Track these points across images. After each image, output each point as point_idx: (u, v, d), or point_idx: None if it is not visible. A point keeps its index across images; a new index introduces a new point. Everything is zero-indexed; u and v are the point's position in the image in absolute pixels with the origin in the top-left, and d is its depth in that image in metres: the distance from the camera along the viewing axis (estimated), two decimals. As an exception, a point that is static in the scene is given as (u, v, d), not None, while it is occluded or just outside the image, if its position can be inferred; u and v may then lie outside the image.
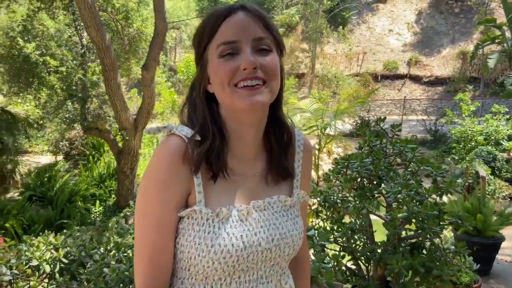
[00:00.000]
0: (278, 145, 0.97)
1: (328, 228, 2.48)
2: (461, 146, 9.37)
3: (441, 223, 2.37)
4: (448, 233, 4.79)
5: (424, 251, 2.44)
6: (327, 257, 1.72)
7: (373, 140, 2.77)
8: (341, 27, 24.90)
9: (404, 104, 19.24)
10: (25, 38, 12.18)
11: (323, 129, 3.82)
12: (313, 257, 1.67)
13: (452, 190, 2.40)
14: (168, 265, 0.88)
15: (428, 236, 2.34)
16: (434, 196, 2.45)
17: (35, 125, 12.91)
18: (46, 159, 12.56)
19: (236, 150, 0.93)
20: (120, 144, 8.42)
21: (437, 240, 2.39)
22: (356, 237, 2.57)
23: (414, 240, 2.53)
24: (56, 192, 8.89)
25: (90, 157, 10.86)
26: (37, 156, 13.46)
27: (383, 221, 2.32)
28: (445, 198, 3.80)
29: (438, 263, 2.26)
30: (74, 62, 9.29)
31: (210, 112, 0.90)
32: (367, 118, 17.16)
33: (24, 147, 14.47)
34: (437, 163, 2.56)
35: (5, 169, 12.79)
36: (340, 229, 2.38)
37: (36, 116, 12.90)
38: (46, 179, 9.46)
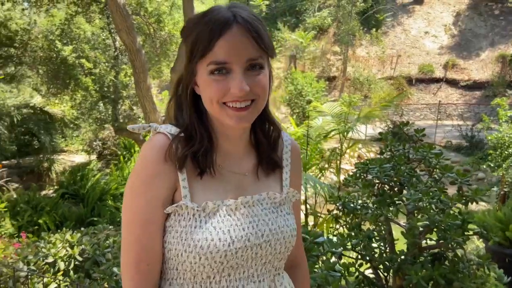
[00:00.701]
0: (266, 139, 0.95)
1: (345, 235, 2.41)
2: (497, 153, 8.94)
3: (465, 233, 2.25)
4: (480, 243, 4.58)
5: (447, 262, 2.33)
6: (337, 265, 1.66)
7: (395, 145, 2.68)
8: (374, 29, 24.45)
9: (439, 109, 18.64)
10: (63, 41, 12.66)
11: (344, 133, 3.75)
12: (321, 264, 1.62)
13: (478, 198, 2.28)
14: (157, 265, 0.86)
15: (451, 246, 2.23)
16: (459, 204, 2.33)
17: (71, 125, 13.38)
18: (80, 158, 13.00)
19: (223, 147, 0.92)
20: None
21: (460, 251, 2.27)
22: (375, 245, 2.49)
23: (436, 251, 2.42)
24: (87, 191, 9.16)
25: (121, 157, 11.14)
26: (72, 155, 13.94)
27: (402, 230, 2.23)
28: (473, 206, 3.63)
29: (460, 275, 2.14)
30: (107, 64, 9.56)
31: (196, 114, 0.88)
32: (399, 123, 16.76)
33: (60, 146, 15.04)
34: (473, 170, 2.44)
35: (41, 167, 13.32)
36: (356, 236, 2.31)
37: (72, 116, 13.37)
38: (79, 177, 9.78)
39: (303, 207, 3.79)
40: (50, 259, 2.30)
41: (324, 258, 1.72)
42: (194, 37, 0.83)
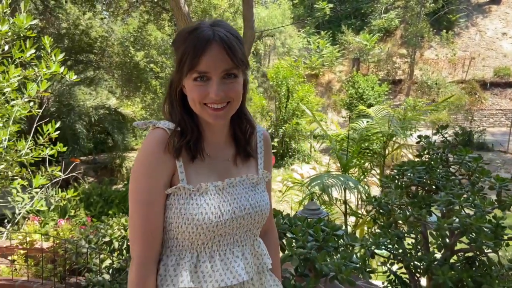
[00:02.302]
0: (242, 134, 1.15)
1: (377, 234, 2.48)
2: None
3: (500, 238, 2.23)
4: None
5: (480, 266, 2.32)
6: (355, 256, 1.76)
7: (433, 148, 2.69)
8: (444, 30, 23.25)
9: (516, 115, 17.31)
10: (136, 48, 13.62)
11: (388, 136, 3.73)
12: (337, 255, 1.74)
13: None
14: (159, 236, 1.06)
15: (483, 250, 2.23)
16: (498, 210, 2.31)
17: (141, 125, 14.28)
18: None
19: (210, 138, 1.12)
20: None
21: (493, 256, 2.26)
22: (409, 245, 2.53)
23: (470, 254, 2.41)
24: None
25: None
26: (141, 153, 14.87)
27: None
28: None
29: (490, 279, 2.14)
30: (172, 69, 10.18)
31: (185, 110, 1.08)
32: (469, 128, 15.82)
33: (131, 145, 16.17)
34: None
35: (114, 163, 14.44)
36: (386, 235, 2.37)
37: (142, 117, 14.32)
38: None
39: (342, 207, 3.87)
40: (107, 239, 2.65)
41: (341, 249, 1.84)
42: (183, 51, 1.02)
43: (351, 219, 3.93)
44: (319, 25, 26.65)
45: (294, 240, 1.70)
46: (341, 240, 1.88)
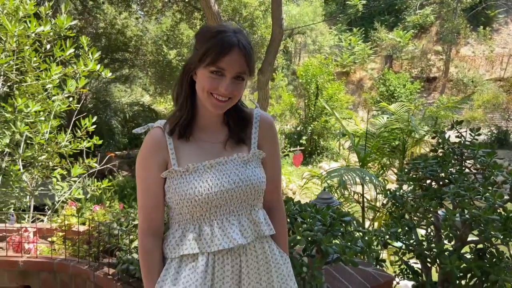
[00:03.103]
0: (233, 123, 1.30)
1: (388, 224, 2.58)
2: None
3: (509, 230, 2.29)
4: None
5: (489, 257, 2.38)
6: (360, 240, 1.88)
7: (448, 142, 2.76)
8: (482, 27, 22.47)
9: (557, 114, 16.56)
10: (169, 46, 14.03)
11: (408, 132, 3.77)
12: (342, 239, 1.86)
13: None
14: (156, 212, 1.27)
15: (492, 242, 2.29)
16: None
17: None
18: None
19: (201, 123, 1.28)
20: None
21: (503, 248, 2.32)
22: (422, 236, 2.61)
23: (482, 246, 2.47)
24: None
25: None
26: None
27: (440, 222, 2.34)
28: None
29: (497, 268, 2.20)
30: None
31: (190, 93, 1.25)
32: (505, 128, 15.30)
33: (163, 141, 16.60)
34: None
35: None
36: (396, 225, 2.47)
37: (173, 114, 14.69)
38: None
39: (361, 200, 3.97)
40: (136, 222, 2.87)
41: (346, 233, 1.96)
42: (208, 46, 1.18)
43: (369, 213, 4.01)
44: (351, 22, 26.35)
45: (302, 224, 1.85)
46: (349, 227, 2.01)
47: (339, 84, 14.37)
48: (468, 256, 2.45)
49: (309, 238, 1.80)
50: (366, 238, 1.93)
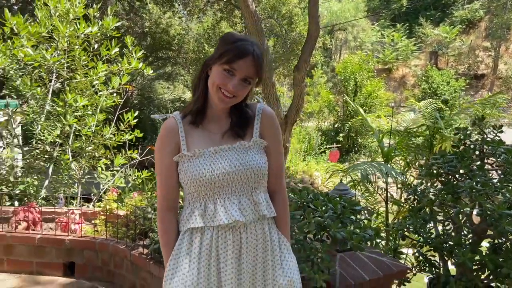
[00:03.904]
0: (236, 119, 1.47)
1: (405, 217, 2.66)
2: None
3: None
4: None
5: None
6: (369, 228, 2.00)
7: (469, 139, 2.80)
8: (536, 21, 21.23)
9: None
10: (210, 44, 14.40)
11: (435, 129, 3.77)
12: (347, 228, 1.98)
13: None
14: (171, 191, 1.46)
15: (507, 236, 2.33)
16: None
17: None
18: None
19: (210, 114, 1.46)
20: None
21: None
22: (442, 230, 2.68)
23: (496, 241, 2.51)
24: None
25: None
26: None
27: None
28: None
29: (510, 263, 2.25)
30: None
31: (205, 86, 1.43)
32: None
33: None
34: None
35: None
36: (412, 218, 2.55)
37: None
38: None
39: (384, 195, 4.03)
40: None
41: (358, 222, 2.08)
42: (227, 48, 1.37)
43: (394, 208, 4.04)
44: (395, 17, 25.75)
45: (313, 211, 2.00)
46: (360, 215, 2.13)
47: (379, 81, 14.18)
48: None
49: (320, 224, 1.95)
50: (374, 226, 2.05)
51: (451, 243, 2.50)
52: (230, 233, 1.40)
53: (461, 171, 2.66)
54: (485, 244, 2.65)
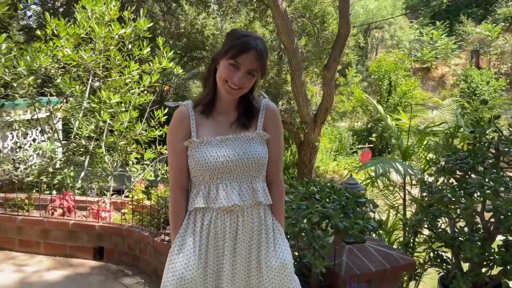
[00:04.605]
0: (243, 110, 1.59)
1: (417, 213, 2.70)
2: None
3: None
4: None
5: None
6: (372, 220, 2.06)
7: (485, 136, 2.80)
8: None
9: None
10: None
11: (456, 127, 3.71)
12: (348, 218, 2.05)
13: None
14: (182, 173, 1.60)
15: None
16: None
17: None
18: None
19: (219, 106, 1.59)
20: (301, 136, 9.47)
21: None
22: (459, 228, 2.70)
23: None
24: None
25: (281, 146, 12.36)
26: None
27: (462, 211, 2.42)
28: None
29: (518, 260, 2.25)
30: (269, 63, 10.83)
31: (214, 80, 1.56)
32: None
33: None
34: None
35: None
36: (421, 214, 2.59)
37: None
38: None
39: (400, 193, 4.02)
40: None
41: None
42: (233, 44, 1.49)
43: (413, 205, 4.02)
44: (435, 15, 24.98)
45: (317, 201, 2.10)
46: (364, 208, 2.21)
47: (414, 81, 13.87)
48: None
49: (323, 214, 2.04)
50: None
51: (461, 239, 2.52)
52: (228, 215, 1.53)
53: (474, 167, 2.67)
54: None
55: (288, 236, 2.08)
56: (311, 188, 2.23)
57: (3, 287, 3.00)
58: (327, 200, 2.12)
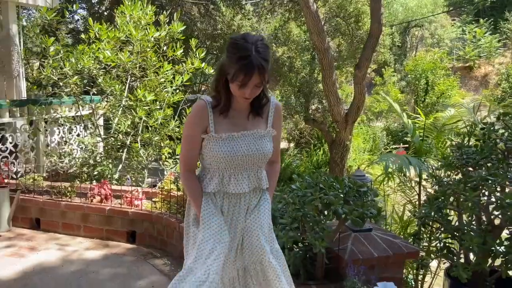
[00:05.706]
0: (257, 103, 1.81)
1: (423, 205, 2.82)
2: None
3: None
4: None
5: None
6: (372, 207, 2.22)
7: (495, 133, 2.87)
8: None
9: None
10: (277, 44, 14.79)
11: (472, 125, 3.72)
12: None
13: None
14: (193, 158, 1.84)
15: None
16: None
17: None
18: (282, 144, 14.96)
19: (234, 106, 1.80)
20: (333, 135, 9.56)
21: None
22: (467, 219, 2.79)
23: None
24: (281, 171, 10.82)
25: (312, 145, 12.48)
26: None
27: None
28: None
29: (517, 250, 2.34)
30: (300, 63, 10.94)
31: (225, 88, 1.76)
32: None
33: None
34: None
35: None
36: (426, 206, 2.70)
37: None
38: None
39: (417, 188, 4.09)
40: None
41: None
42: (236, 70, 1.61)
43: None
44: (479, 12, 24.07)
45: (320, 189, 2.29)
46: (365, 196, 2.38)
47: (453, 80, 13.53)
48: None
49: (324, 200, 2.24)
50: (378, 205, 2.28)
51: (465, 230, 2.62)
52: (235, 198, 1.84)
53: (480, 163, 2.75)
54: None
55: (293, 220, 2.31)
56: (317, 178, 2.43)
57: (48, 263, 3.39)
58: (330, 188, 2.31)
